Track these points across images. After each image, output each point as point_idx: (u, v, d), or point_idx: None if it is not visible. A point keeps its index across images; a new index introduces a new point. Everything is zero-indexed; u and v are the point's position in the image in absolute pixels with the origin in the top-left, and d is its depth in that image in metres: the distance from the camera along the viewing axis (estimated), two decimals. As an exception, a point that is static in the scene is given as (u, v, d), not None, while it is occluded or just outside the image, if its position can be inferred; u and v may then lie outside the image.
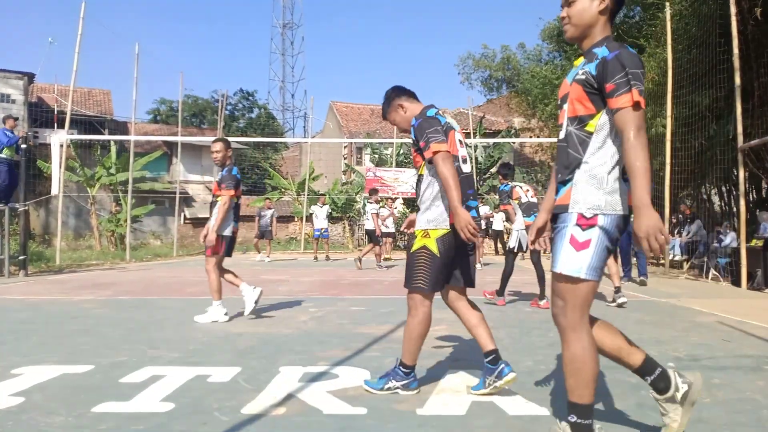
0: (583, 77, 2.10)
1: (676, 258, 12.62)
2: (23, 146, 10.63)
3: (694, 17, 12.15)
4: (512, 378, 2.93)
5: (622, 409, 2.77)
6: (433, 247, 2.91)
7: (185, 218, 28.13)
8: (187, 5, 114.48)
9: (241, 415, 2.67)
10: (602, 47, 2.11)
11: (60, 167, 12.11)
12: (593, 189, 2.07)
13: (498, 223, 18.31)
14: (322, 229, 15.77)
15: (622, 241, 9.48)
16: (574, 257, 2.06)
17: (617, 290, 6.73)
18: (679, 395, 2.25)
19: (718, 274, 10.17)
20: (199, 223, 27.20)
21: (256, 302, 5.53)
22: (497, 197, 23.00)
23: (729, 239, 10.60)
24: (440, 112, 3.07)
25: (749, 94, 11.19)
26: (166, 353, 3.97)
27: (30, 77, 24.75)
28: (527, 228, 6.45)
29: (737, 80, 9.33)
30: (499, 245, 19.63)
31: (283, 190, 25.05)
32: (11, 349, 4.12)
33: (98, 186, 21.80)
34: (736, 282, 9.28)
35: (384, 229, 16.02)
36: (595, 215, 2.06)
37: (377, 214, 12.46)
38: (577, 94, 2.12)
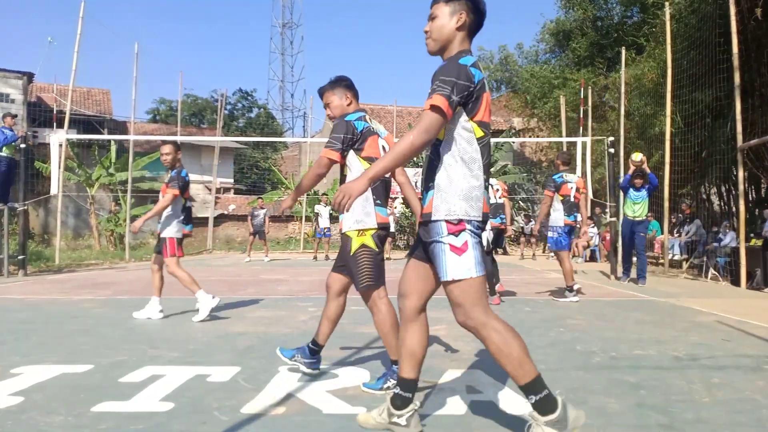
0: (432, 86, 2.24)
1: (676, 257, 12.63)
2: (23, 146, 10.63)
3: (693, 17, 12.15)
4: (315, 372, 3.33)
5: (621, 409, 2.77)
6: (371, 244, 3.12)
7: (185, 218, 28.09)
8: (187, 5, 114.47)
9: (240, 415, 2.67)
10: None
11: (59, 167, 12.10)
12: (451, 195, 2.20)
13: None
14: (325, 228, 15.76)
15: (625, 240, 9.52)
16: (460, 262, 2.18)
17: (570, 288, 6.92)
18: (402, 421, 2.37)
19: (717, 273, 10.17)
20: (199, 222, 27.20)
21: (206, 314, 5.46)
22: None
23: (728, 239, 10.60)
24: (366, 118, 3.22)
25: (749, 93, 11.20)
26: (166, 353, 3.97)
27: (29, 77, 24.73)
28: (493, 228, 6.79)
29: (737, 80, 9.33)
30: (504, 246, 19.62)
31: (283, 189, 25.05)
32: (11, 348, 4.11)
33: (97, 186, 21.80)
34: (736, 281, 9.28)
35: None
36: (461, 220, 2.19)
37: None
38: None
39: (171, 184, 5.41)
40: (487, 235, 6.72)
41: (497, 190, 7.08)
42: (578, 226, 7.27)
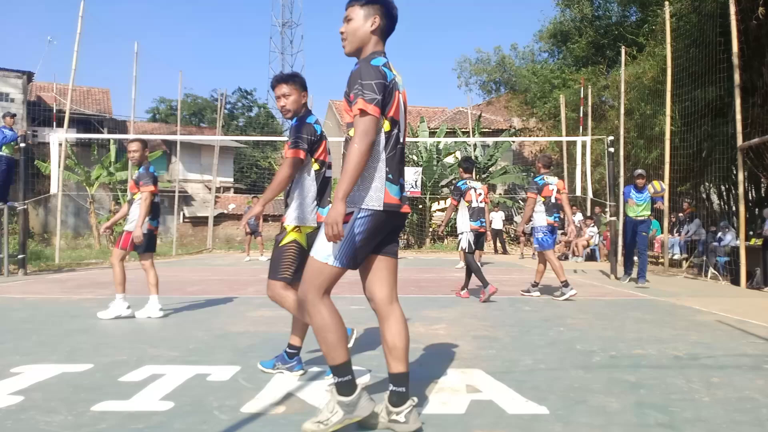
0: (347, 89, 2.38)
1: (676, 257, 12.63)
2: (22, 145, 10.63)
3: (694, 15, 12.15)
4: (301, 374, 3.36)
5: (621, 408, 2.77)
6: (303, 241, 3.33)
7: (184, 217, 28.13)
8: (187, 4, 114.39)
9: (240, 414, 2.67)
10: None
11: (59, 166, 12.10)
12: (356, 187, 2.34)
13: (497, 222, 18.33)
14: None
15: (627, 239, 9.54)
16: (327, 246, 2.35)
17: (565, 284, 7.12)
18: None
19: (717, 273, 10.17)
20: (199, 222, 27.22)
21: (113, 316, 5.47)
22: (495, 196, 22.91)
23: (728, 238, 10.60)
24: (319, 121, 3.45)
25: (749, 92, 11.20)
26: (166, 352, 3.97)
27: (29, 76, 24.73)
28: (472, 231, 7.20)
29: (737, 79, 9.33)
30: (499, 244, 19.64)
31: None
32: (11, 348, 4.12)
33: (97, 185, 21.79)
34: (736, 281, 9.28)
35: None
36: (351, 211, 2.31)
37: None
38: (345, 104, 2.40)
39: (144, 182, 5.48)
40: (468, 237, 7.18)
41: (480, 194, 7.29)
42: (563, 224, 7.39)
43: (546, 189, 7.29)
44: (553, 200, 7.31)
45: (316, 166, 3.31)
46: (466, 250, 7.28)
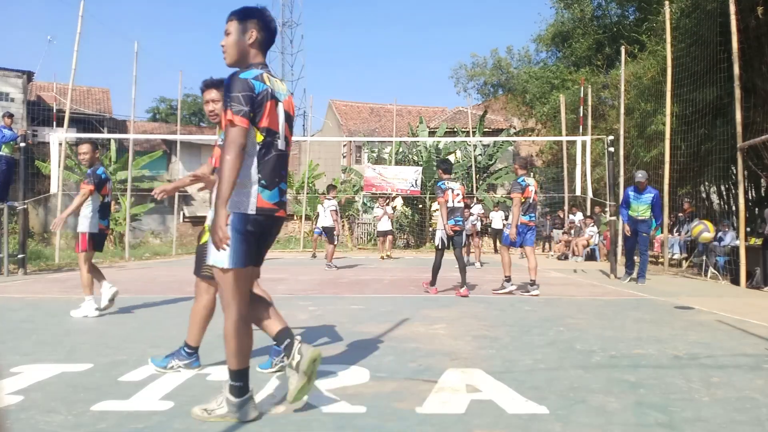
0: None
1: (675, 256, 12.63)
2: (22, 144, 10.63)
3: (694, 15, 12.14)
4: (198, 369, 3.46)
5: (621, 408, 2.77)
6: None
7: (184, 217, 28.13)
8: (187, 3, 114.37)
9: (240, 414, 2.66)
10: None
11: (59, 166, 12.10)
12: (236, 191, 2.47)
13: (497, 221, 18.30)
14: (323, 227, 15.80)
15: (628, 240, 9.62)
16: (216, 252, 2.46)
17: (532, 282, 7.41)
18: (294, 363, 2.57)
19: (717, 272, 10.17)
20: (199, 221, 27.21)
21: (107, 303, 5.61)
22: (496, 195, 22.93)
23: (728, 238, 10.60)
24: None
25: (750, 92, 11.19)
26: (166, 351, 3.96)
27: (29, 75, 24.73)
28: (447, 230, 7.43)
29: (737, 79, 9.33)
30: (498, 244, 19.63)
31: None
32: (10, 347, 4.12)
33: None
34: (735, 280, 9.28)
35: (382, 228, 16.06)
36: (229, 214, 2.43)
37: (336, 211, 11.94)
38: (222, 114, 2.54)
39: (87, 180, 5.57)
40: (441, 234, 7.50)
41: (457, 194, 7.54)
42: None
43: (527, 190, 7.57)
44: (531, 200, 7.60)
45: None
46: (439, 247, 7.65)
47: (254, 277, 2.75)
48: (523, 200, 7.55)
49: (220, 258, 2.48)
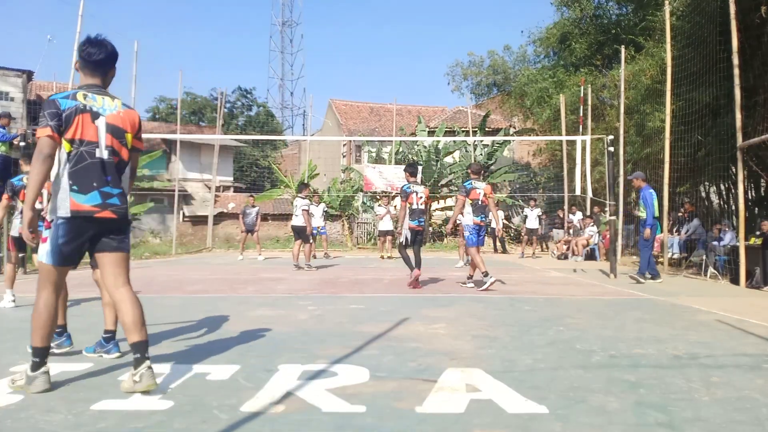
0: None
1: (675, 256, 12.63)
2: (22, 144, 10.62)
3: (694, 15, 12.14)
4: (117, 356, 3.74)
5: (621, 408, 2.77)
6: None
7: (184, 216, 28.13)
8: (187, 3, 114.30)
9: (240, 413, 2.67)
10: None
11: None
12: (53, 199, 2.99)
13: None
14: (318, 227, 16.00)
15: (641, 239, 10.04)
16: (42, 248, 3.01)
17: (485, 273, 8.02)
18: (135, 378, 2.96)
19: (716, 272, 10.17)
20: (198, 221, 27.22)
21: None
22: (498, 195, 22.89)
23: (728, 237, 10.60)
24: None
25: (750, 92, 11.18)
26: (165, 350, 3.97)
27: (29, 75, 24.72)
28: (411, 230, 8.18)
29: (736, 78, 9.33)
30: (498, 243, 19.64)
31: (282, 187, 25.05)
32: (10, 347, 4.12)
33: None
34: (735, 280, 9.28)
35: (383, 227, 16.08)
36: (53, 219, 2.97)
37: (308, 211, 11.62)
38: None
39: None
40: (406, 233, 8.21)
41: (421, 197, 8.20)
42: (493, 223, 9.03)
43: (473, 192, 8.16)
44: (479, 202, 8.19)
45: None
46: (404, 244, 8.30)
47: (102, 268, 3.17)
48: (470, 202, 8.16)
49: (41, 253, 3.01)
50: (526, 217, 17.36)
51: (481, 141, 23.34)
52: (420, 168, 18.48)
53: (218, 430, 2.46)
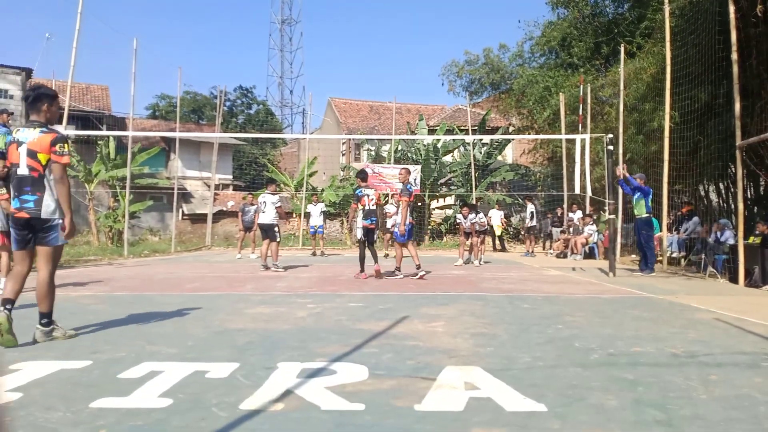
0: None
1: (674, 255, 12.64)
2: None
3: (693, 14, 12.13)
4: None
5: (619, 406, 2.77)
6: None
7: (183, 214, 28.11)
8: (186, 1, 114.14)
9: (239, 411, 2.67)
10: None
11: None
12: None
13: (496, 219, 18.34)
14: (316, 226, 16.15)
15: (638, 237, 10.67)
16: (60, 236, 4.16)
17: (397, 269, 9.37)
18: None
19: (715, 271, 10.18)
20: (198, 219, 27.19)
21: None
22: (495, 193, 22.98)
23: (726, 236, 10.61)
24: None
25: (750, 91, 11.18)
26: (165, 349, 3.97)
27: (28, 72, 24.70)
28: (363, 228, 9.33)
29: (736, 78, 9.33)
30: (497, 243, 19.66)
31: (282, 186, 25.05)
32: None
33: (96, 182, 21.77)
34: (734, 279, 9.29)
35: (388, 225, 16.08)
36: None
37: (281, 207, 11.01)
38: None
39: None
40: (359, 233, 9.47)
41: (372, 199, 9.30)
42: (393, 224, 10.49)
43: (363, 199, 9.21)
44: (368, 207, 9.21)
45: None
46: (362, 240, 9.43)
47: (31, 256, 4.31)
48: (362, 207, 9.21)
49: (60, 238, 4.23)
50: (532, 214, 17.68)
51: (480, 140, 23.33)
52: (369, 173, 18.68)
53: (217, 428, 2.46)
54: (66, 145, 4.19)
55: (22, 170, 4.11)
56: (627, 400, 2.86)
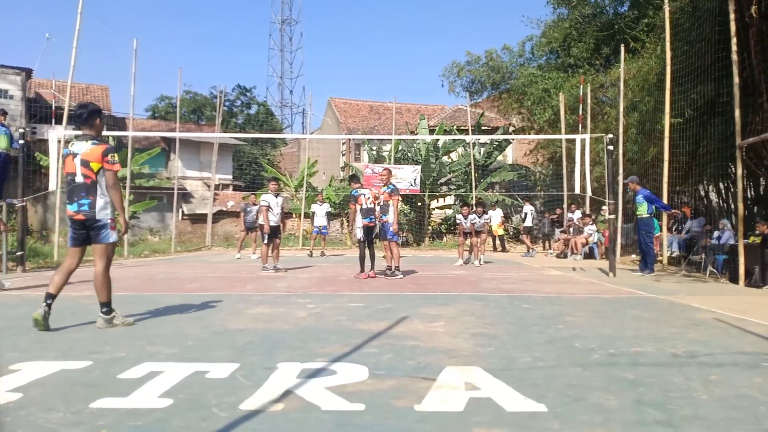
0: None
1: (674, 255, 12.64)
2: (21, 142, 10.60)
3: (693, 14, 12.13)
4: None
5: (619, 406, 2.77)
6: None
7: (183, 214, 28.09)
8: (186, 1, 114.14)
9: (239, 411, 2.67)
10: None
11: (58, 163, 12.07)
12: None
13: (496, 219, 18.36)
14: (320, 226, 16.06)
15: (639, 236, 10.82)
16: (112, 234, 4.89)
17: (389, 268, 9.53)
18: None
19: (715, 271, 10.18)
20: (198, 219, 27.18)
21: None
22: (495, 193, 22.97)
23: (726, 236, 10.62)
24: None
25: (750, 91, 11.18)
26: (165, 349, 3.97)
27: (28, 73, 24.67)
28: (363, 227, 9.39)
29: (736, 77, 9.32)
30: (498, 243, 19.66)
31: (282, 185, 25.06)
32: (9, 345, 4.11)
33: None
34: (734, 279, 9.29)
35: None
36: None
37: (268, 207, 10.60)
38: None
39: None
40: (360, 231, 9.46)
41: (368, 198, 9.43)
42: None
43: (360, 198, 9.40)
44: (365, 206, 9.35)
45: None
46: (361, 240, 9.49)
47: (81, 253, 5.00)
48: (360, 207, 9.36)
49: (112, 237, 4.91)
50: (526, 215, 17.86)
51: (478, 140, 23.32)
52: (361, 177, 18.82)
53: (217, 429, 2.46)
54: (115, 155, 4.79)
55: (79, 178, 4.68)
56: (627, 400, 2.86)
